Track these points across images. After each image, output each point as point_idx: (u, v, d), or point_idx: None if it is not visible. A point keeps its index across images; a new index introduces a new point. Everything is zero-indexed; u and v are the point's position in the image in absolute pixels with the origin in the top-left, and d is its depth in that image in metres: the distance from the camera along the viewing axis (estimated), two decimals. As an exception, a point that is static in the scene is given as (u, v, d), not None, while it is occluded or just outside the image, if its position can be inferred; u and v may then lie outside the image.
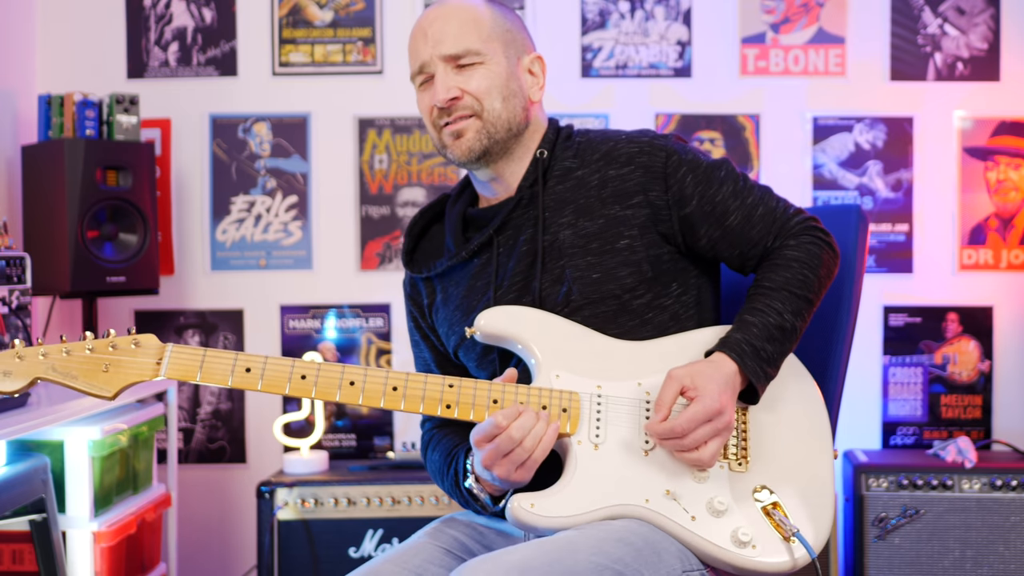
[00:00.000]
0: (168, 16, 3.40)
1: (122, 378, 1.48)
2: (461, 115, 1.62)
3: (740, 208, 1.64)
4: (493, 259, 1.67)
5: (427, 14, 1.66)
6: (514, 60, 1.66)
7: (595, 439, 1.53)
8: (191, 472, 3.38)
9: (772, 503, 1.53)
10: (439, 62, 1.62)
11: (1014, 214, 3.35)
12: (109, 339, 1.48)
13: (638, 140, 1.66)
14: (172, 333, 3.39)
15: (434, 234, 1.82)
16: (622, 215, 1.62)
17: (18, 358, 1.45)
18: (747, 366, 1.53)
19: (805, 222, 1.66)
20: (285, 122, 3.41)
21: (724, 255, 1.67)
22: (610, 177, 1.64)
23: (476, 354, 1.70)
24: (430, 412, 1.53)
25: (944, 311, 3.35)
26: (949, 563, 2.95)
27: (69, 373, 1.47)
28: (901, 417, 3.37)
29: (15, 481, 2.24)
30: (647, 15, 3.38)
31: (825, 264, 1.64)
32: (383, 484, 2.97)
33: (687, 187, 1.63)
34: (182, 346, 1.50)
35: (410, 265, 1.78)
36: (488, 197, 1.74)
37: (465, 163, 1.66)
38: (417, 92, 1.68)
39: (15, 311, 2.37)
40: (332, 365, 1.53)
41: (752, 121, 3.37)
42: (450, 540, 1.65)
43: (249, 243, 3.41)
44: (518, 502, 1.48)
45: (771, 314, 1.58)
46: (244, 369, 1.50)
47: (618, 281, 1.61)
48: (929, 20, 3.36)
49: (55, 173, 2.87)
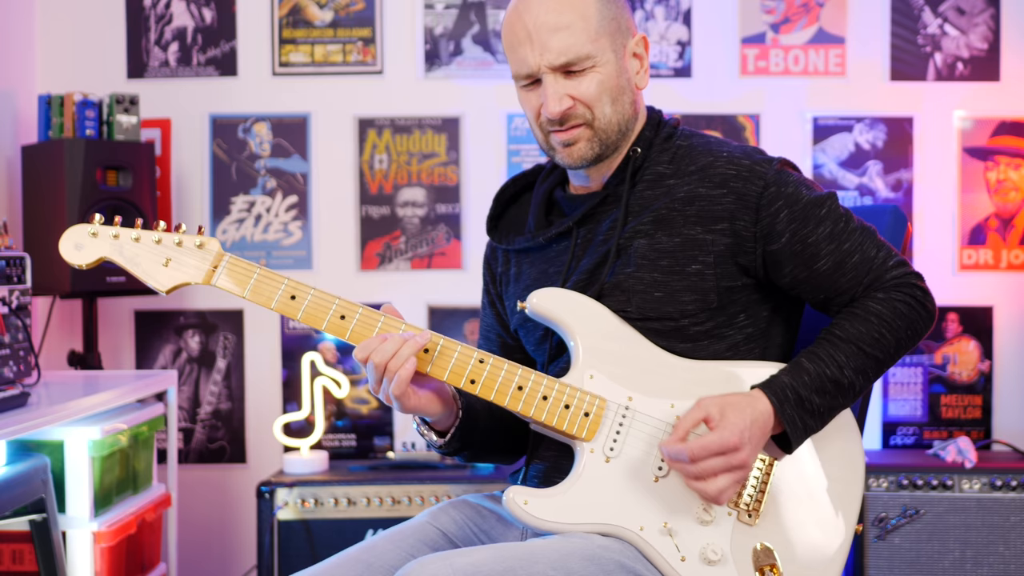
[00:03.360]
0: (168, 16, 3.40)
1: (179, 276, 1.52)
2: (573, 125, 1.56)
3: (834, 253, 1.53)
4: (570, 249, 1.63)
5: (529, 7, 1.55)
6: (621, 51, 1.58)
7: (609, 452, 1.49)
8: (191, 472, 3.38)
9: (770, 565, 1.47)
10: (548, 71, 1.54)
11: (1014, 214, 3.35)
12: (178, 234, 1.52)
13: (738, 162, 1.56)
14: (172, 333, 3.40)
15: (524, 202, 1.76)
16: (701, 238, 1.54)
17: (92, 235, 1.51)
18: (785, 413, 1.46)
19: (903, 277, 1.53)
20: (285, 122, 3.41)
21: (807, 296, 1.58)
22: (699, 195, 1.56)
23: (534, 338, 1.67)
24: (454, 383, 1.50)
25: (944, 311, 3.35)
26: (949, 563, 2.95)
27: (134, 259, 1.52)
28: (901, 417, 3.37)
29: (15, 481, 2.23)
30: (647, 15, 3.38)
31: (910, 325, 1.52)
32: (383, 484, 2.97)
33: (780, 223, 1.53)
34: (238, 259, 1.52)
35: (492, 232, 1.74)
36: (576, 185, 1.69)
37: (575, 169, 1.62)
38: (519, 90, 1.61)
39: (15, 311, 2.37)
40: (373, 313, 1.51)
41: (752, 121, 3.37)
42: (449, 523, 1.63)
43: (249, 243, 3.41)
44: (513, 495, 1.47)
45: (830, 365, 1.49)
46: (290, 296, 1.51)
47: (680, 305, 1.54)
48: (929, 20, 3.36)
49: (55, 173, 2.87)
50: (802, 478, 1.52)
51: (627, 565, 1.43)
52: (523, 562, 1.36)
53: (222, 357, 3.41)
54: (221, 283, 1.52)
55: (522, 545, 1.42)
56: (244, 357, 3.41)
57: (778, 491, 1.50)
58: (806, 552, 1.49)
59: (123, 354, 3.41)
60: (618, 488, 1.48)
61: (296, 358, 3.34)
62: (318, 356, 3.26)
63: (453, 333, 3.36)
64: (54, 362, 3.16)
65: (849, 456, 1.54)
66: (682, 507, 1.48)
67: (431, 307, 3.39)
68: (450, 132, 3.39)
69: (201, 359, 3.41)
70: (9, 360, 2.33)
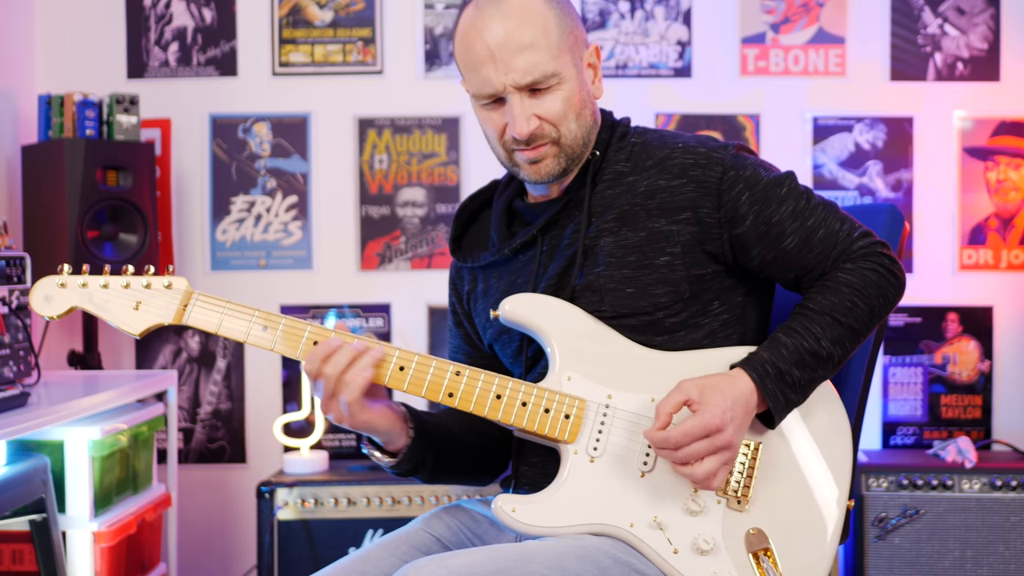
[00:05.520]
0: (168, 16, 3.40)
1: (150, 318, 1.52)
2: (539, 144, 1.54)
3: (799, 230, 1.54)
4: (536, 257, 1.62)
5: (488, 24, 1.51)
6: (580, 64, 1.57)
7: (592, 451, 1.49)
8: (191, 472, 3.38)
9: (764, 549, 1.46)
10: (513, 91, 1.51)
11: (1014, 214, 3.35)
12: (145, 276, 1.52)
13: (694, 151, 1.56)
14: (172, 333, 3.40)
15: (484, 219, 1.75)
16: (666, 230, 1.54)
17: (60, 285, 1.53)
18: (767, 388, 1.46)
19: (869, 246, 1.54)
20: (285, 122, 3.41)
21: (777, 276, 1.58)
22: (659, 188, 1.56)
23: (511, 351, 1.66)
24: (432, 398, 1.49)
25: (944, 311, 3.35)
26: (949, 563, 2.95)
27: (104, 306, 1.53)
28: (901, 417, 3.37)
29: (15, 481, 2.24)
30: (647, 15, 3.38)
31: (881, 292, 1.53)
32: (383, 484, 2.97)
33: (742, 206, 1.53)
34: (208, 296, 1.52)
35: (456, 253, 1.73)
36: (536, 195, 1.68)
37: (540, 184, 1.61)
38: (479, 108, 1.57)
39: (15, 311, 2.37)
40: (348, 336, 1.49)
41: (752, 121, 3.37)
42: (443, 529, 1.63)
43: (249, 243, 3.41)
44: (501, 503, 1.47)
45: (807, 338, 1.48)
46: (261, 327, 1.50)
47: (652, 299, 1.54)
48: (929, 20, 3.36)
49: (55, 173, 2.87)
50: (790, 458, 1.52)
51: (622, 559, 1.44)
52: (518, 563, 1.36)
53: (222, 357, 3.41)
54: (193, 321, 1.51)
55: (516, 546, 1.42)
56: (244, 357, 3.41)
57: (766, 474, 1.50)
58: (799, 532, 1.49)
59: (123, 354, 3.41)
60: (605, 487, 1.48)
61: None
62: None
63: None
64: (54, 362, 3.16)
65: (836, 427, 1.54)
66: (670, 500, 1.47)
67: (431, 307, 3.39)
68: (450, 132, 3.39)
69: (201, 359, 3.41)
70: (9, 360, 2.33)
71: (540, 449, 1.58)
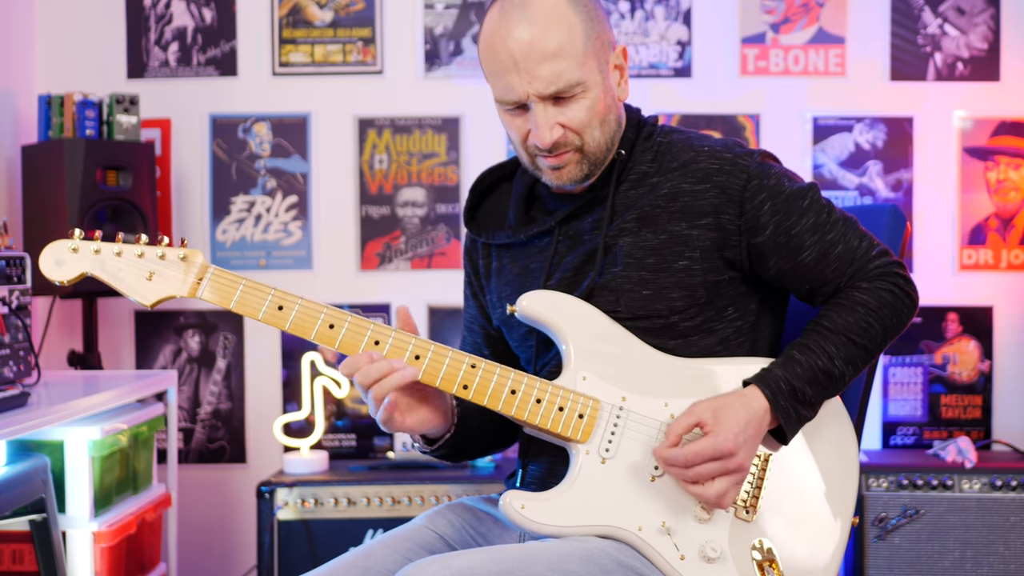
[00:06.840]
0: (168, 16, 3.40)
1: (163, 289, 1.50)
2: (563, 151, 1.53)
3: (818, 244, 1.54)
4: (552, 246, 1.61)
5: (513, 31, 1.48)
6: (606, 69, 1.54)
7: (604, 453, 1.49)
8: (191, 472, 3.38)
9: (769, 560, 1.47)
10: (536, 100, 1.50)
11: (1014, 214, 3.35)
12: (160, 247, 1.51)
13: (720, 156, 1.55)
14: (172, 333, 3.40)
15: (502, 192, 1.74)
16: (687, 234, 1.54)
17: (72, 250, 1.48)
18: (779, 405, 1.46)
19: (886, 266, 1.55)
20: (285, 122, 3.41)
21: (792, 287, 1.58)
22: (683, 191, 1.55)
23: (519, 335, 1.66)
24: (446, 388, 1.49)
25: (944, 311, 3.35)
26: (949, 563, 2.95)
27: (116, 274, 1.50)
28: (901, 417, 3.37)
29: (15, 481, 2.23)
30: (647, 15, 3.38)
31: (895, 313, 1.53)
32: (383, 484, 2.97)
33: (763, 215, 1.53)
34: (224, 270, 1.50)
35: (470, 224, 1.72)
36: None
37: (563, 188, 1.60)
38: (502, 112, 1.56)
39: (15, 311, 2.37)
40: (363, 321, 1.49)
41: (752, 121, 3.37)
42: (446, 526, 1.63)
43: (249, 243, 3.41)
44: (510, 499, 1.46)
45: (821, 356, 1.49)
46: (277, 307, 1.49)
47: (668, 302, 1.54)
48: (929, 20, 3.36)
49: (55, 173, 2.87)
50: (798, 471, 1.53)
51: (626, 563, 1.43)
52: (521, 564, 1.36)
53: (222, 357, 3.41)
54: (206, 295, 1.49)
55: (519, 547, 1.42)
56: (244, 357, 3.41)
57: (775, 486, 1.51)
58: (805, 546, 1.50)
59: (123, 354, 3.41)
60: (615, 489, 1.48)
61: (296, 358, 3.34)
62: (318, 356, 3.25)
63: (453, 333, 3.36)
64: (54, 362, 3.16)
65: (843, 443, 1.55)
66: (680, 506, 1.47)
67: (431, 307, 3.39)
68: (450, 132, 3.39)
69: (201, 359, 3.41)
70: (9, 360, 2.33)
71: (548, 448, 1.58)
